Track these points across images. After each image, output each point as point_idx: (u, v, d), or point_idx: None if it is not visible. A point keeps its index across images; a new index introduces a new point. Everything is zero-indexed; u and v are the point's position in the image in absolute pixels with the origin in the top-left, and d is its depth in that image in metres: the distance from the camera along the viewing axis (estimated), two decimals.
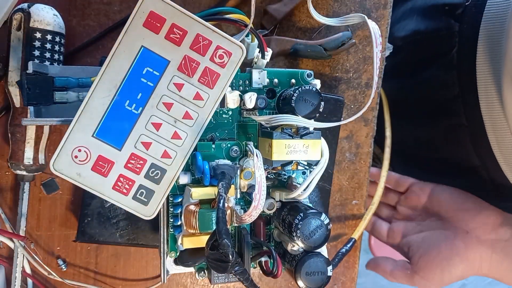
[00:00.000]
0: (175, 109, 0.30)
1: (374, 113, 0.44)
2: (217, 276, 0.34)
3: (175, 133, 0.30)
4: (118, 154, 0.30)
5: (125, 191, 0.30)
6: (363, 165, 0.44)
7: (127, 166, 0.30)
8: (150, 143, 0.30)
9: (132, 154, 0.30)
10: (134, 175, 0.30)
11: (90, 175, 0.29)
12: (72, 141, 0.29)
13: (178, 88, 0.29)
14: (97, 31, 0.37)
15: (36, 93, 0.30)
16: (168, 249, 0.34)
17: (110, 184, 0.30)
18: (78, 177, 0.29)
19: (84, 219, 0.38)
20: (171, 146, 0.30)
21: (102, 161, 0.29)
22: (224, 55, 0.30)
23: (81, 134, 0.29)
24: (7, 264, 0.38)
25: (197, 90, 0.30)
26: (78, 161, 0.29)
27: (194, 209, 0.31)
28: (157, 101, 0.29)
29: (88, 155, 0.29)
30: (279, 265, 0.33)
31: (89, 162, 0.29)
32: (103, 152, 0.29)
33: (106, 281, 0.41)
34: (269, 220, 0.37)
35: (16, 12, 0.33)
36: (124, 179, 0.30)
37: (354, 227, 0.45)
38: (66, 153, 0.29)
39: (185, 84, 0.29)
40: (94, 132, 0.29)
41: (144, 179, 0.30)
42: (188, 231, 0.31)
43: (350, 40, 0.40)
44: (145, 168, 0.30)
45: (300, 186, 0.33)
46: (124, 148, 0.30)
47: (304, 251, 0.33)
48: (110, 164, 0.29)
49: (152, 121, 0.29)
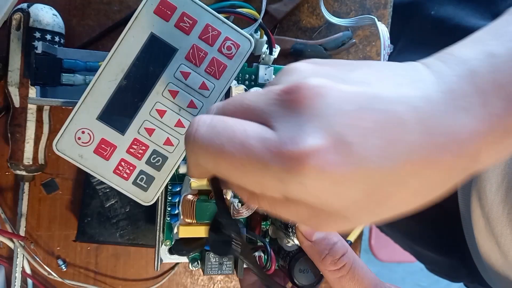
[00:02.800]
0: (180, 97, 0.29)
1: None
2: (210, 267, 0.34)
3: (178, 121, 0.30)
4: (121, 138, 0.29)
5: (125, 176, 0.30)
6: None
7: (129, 151, 0.30)
8: (153, 130, 0.30)
9: (134, 139, 0.30)
10: (136, 160, 0.30)
11: (92, 157, 0.29)
12: (77, 122, 0.29)
13: (184, 77, 0.29)
14: (97, 31, 0.37)
15: (43, 73, 0.30)
16: (163, 237, 0.34)
17: (111, 167, 0.30)
18: (80, 158, 0.29)
19: (84, 219, 0.38)
20: (174, 134, 0.30)
21: (105, 144, 0.29)
22: (232, 47, 0.30)
23: (86, 115, 0.29)
24: (7, 264, 0.38)
25: (203, 79, 0.29)
26: (81, 142, 0.29)
27: (192, 199, 0.31)
28: (163, 88, 0.29)
29: (91, 137, 0.29)
30: (273, 261, 0.33)
31: (92, 144, 0.29)
32: (106, 135, 0.29)
33: (106, 281, 0.41)
34: (265, 216, 0.37)
35: (16, 12, 0.33)
36: (125, 163, 0.30)
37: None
38: (69, 134, 0.29)
39: (191, 73, 0.29)
40: (98, 115, 0.29)
41: (145, 165, 0.30)
42: (185, 221, 0.32)
43: (351, 40, 0.40)
44: (146, 154, 0.30)
45: None
46: (127, 132, 0.29)
47: (299, 248, 0.33)
48: (112, 148, 0.29)
49: (156, 107, 0.29)
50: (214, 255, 0.34)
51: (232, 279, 0.43)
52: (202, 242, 0.34)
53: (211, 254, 0.34)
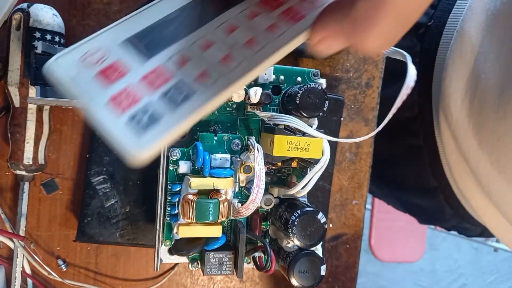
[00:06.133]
0: (237, 33, 0.23)
1: (374, 113, 0.44)
2: (210, 268, 0.34)
3: (227, 55, 0.22)
4: (140, 63, 0.22)
5: (120, 109, 0.20)
6: (363, 165, 0.44)
7: (143, 78, 0.21)
8: (187, 59, 0.22)
9: (158, 67, 0.22)
10: (146, 90, 0.21)
11: (88, 82, 0.21)
12: (93, 41, 0.23)
13: (250, 17, 0.24)
14: (97, 31, 0.37)
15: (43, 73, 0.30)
16: (163, 237, 0.34)
17: (107, 96, 0.21)
18: (69, 80, 0.21)
19: (84, 219, 0.38)
20: (215, 69, 0.22)
21: (115, 67, 0.22)
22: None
23: (111, 36, 0.23)
24: (7, 264, 0.38)
25: (274, 21, 0.23)
26: (85, 63, 0.22)
27: (192, 199, 0.31)
28: (220, 22, 0.23)
29: (102, 58, 0.22)
30: (273, 261, 0.33)
31: (98, 66, 0.22)
32: (124, 58, 0.22)
33: (106, 281, 0.41)
34: (265, 217, 0.37)
35: (16, 12, 0.33)
36: (128, 93, 0.21)
37: (354, 227, 0.45)
38: (77, 51, 0.22)
39: (262, 15, 0.24)
40: (128, 37, 0.23)
41: (157, 98, 0.21)
42: (185, 221, 0.32)
43: None
44: (167, 84, 0.21)
45: (299, 183, 0.33)
46: (152, 59, 0.22)
47: (299, 249, 0.33)
48: (122, 71, 0.22)
49: (203, 39, 0.23)
50: (214, 255, 0.34)
51: (232, 279, 0.43)
52: (202, 242, 0.34)
53: (211, 254, 0.34)
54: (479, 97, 0.40)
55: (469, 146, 0.41)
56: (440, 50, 0.47)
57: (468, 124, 0.41)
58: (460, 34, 0.44)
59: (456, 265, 1.82)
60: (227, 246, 0.35)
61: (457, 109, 0.42)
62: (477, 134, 0.40)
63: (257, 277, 0.43)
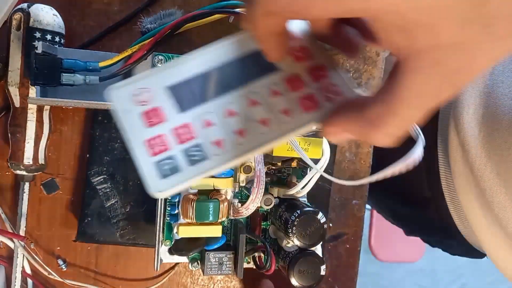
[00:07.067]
0: (256, 109, 0.27)
1: None
2: (210, 268, 0.34)
3: (240, 130, 0.27)
4: (175, 116, 0.27)
5: (152, 152, 0.26)
6: (363, 165, 0.44)
7: (174, 129, 0.26)
8: (211, 123, 0.27)
9: (188, 123, 0.27)
10: (174, 142, 0.26)
11: (135, 117, 0.26)
12: (146, 81, 0.27)
13: (272, 94, 0.27)
14: (97, 31, 0.37)
15: (43, 73, 0.30)
16: (163, 237, 0.34)
17: (146, 136, 0.26)
18: (122, 111, 0.26)
19: (84, 219, 0.38)
20: (229, 139, 0.27)
21: (156, 112, 0.27)
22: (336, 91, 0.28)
23: (158, 79, 0.27)
24: (7, 264, 0.38)
25: (291, 106, 0.27)
26: (135, 99, 0.27)
27: (192, 199, 0.31)
28: (246, 92, 0.27)
29: (149, 100, 0.27)
30: (272, 260, 0.33)
31: (144, 106, 0.27)
32: (164, 106, 0.27)
33: (106, 281, 0.41)
34: (265, 217, 0.37)
35: (16, 12, 0.33)
36: (162, 140, 0.26)
37: (354, 227, 0.45)
38: (131, 87, 0.27)
39: (282, 95, 0.27)
40: (170, 85, 0.27)
41: (180, 152, 0.26)
42: (185, 220, 0.32)
43: None
44: (189, 142, 0.26)
45: (299, 183, 0.33)
46: (185, 114, 0.27)
47: (299, 249, 0.33)
48: (160, 119, 0.26)
49: (228, 107, 0.27)
50: (214, 255, 0.34)
51: (232, 279, 0.43)
52: (202, 242, 0.34)
53: (211, 254, 0.34)
54: (493, 106, 0.40)
55: (476, 155, 0.41)
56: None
57: (478, 132, 0.41)
58: None
59: (456, 265, 1.82)
60: (227, 246, 0.35)
61: (469, 117, 0.42)
62: (487, 143, 0.40)
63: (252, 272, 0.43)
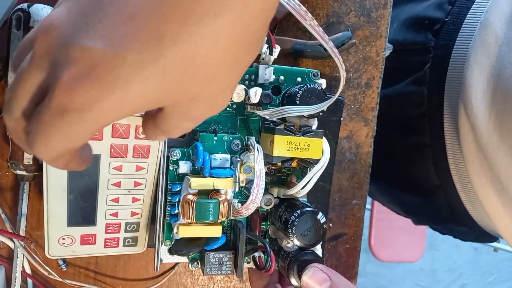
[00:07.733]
0: (124, 184, 0.33)
1: (374, 113, 0.44)
2: (210, 268, 0.34)
3: (133, 198, 0.34)
4: (95, 228, 0.34)
5: (115, 245, 0.35)
6: (363, 165, 0.44)
7: (107, 232, 0.35)
8: (117, 212, 0.34)
9: (107, 224, 0.34)
10: (116, 234, 0.35)
11: (82, 247, 0.34)
12: (53, 234, 0.33)
13: (119, 170, 0.32)
14: None
15: None
16: (163, 237, 0.34)
17: (101, 246, 0.35)
18: (73, 253, 0.34)
19: None
20: (135, 207, 0.35)
21: (86, 237, 0.34)
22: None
23: (58, 228, 0.33)
24: (7, 264, 0.38)
25: (136, 164, 0.33)
26: (67, 244, 0.34)
27: (192, 199, 0.31)
28: (106, 185, 0.33)
29: (73, 239, 0.34)
30: (272, 260, 0.33)
31: (76, 242, 0.34)
32: (84, 231, 0.34)
33: (106, 281, 0.41)
34: (265, 217, 0.37)
35: (16, 12, 0.33)
36: (110, 239, 0.35)
37: (354, 227, 0.45)
38: (53, 242, 0.33)
39: (123, 164, 0.32)
40: (67, 223, 0.33)
41: (125, 233, 0.35)
42: (185, 220, 0.32)
43: (350, 40, 0.40)
44: (122, 227, 0.35)
45: (299, 183, 0.33)
46: (98, 222, 0.34)
47: (299, 249, 0.33)
48: (93, 236, 0.34)
49: (110, 198, 0.33)
50: (214, 255, 0.34)
51: (232, 279, 0.43)
52: (202, 242, 0.34)
53: (211, 254, 0.34)
54: (502, 88, 0.39)
55: (489, 139, 0.40)
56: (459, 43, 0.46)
57: (489, 115, 0.40)
58: (484, 25, 0.44)
59: (456, 265, 1.82)
60: (227, 246, 0.35)
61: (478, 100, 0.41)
62: (498, 126, 0.39)
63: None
